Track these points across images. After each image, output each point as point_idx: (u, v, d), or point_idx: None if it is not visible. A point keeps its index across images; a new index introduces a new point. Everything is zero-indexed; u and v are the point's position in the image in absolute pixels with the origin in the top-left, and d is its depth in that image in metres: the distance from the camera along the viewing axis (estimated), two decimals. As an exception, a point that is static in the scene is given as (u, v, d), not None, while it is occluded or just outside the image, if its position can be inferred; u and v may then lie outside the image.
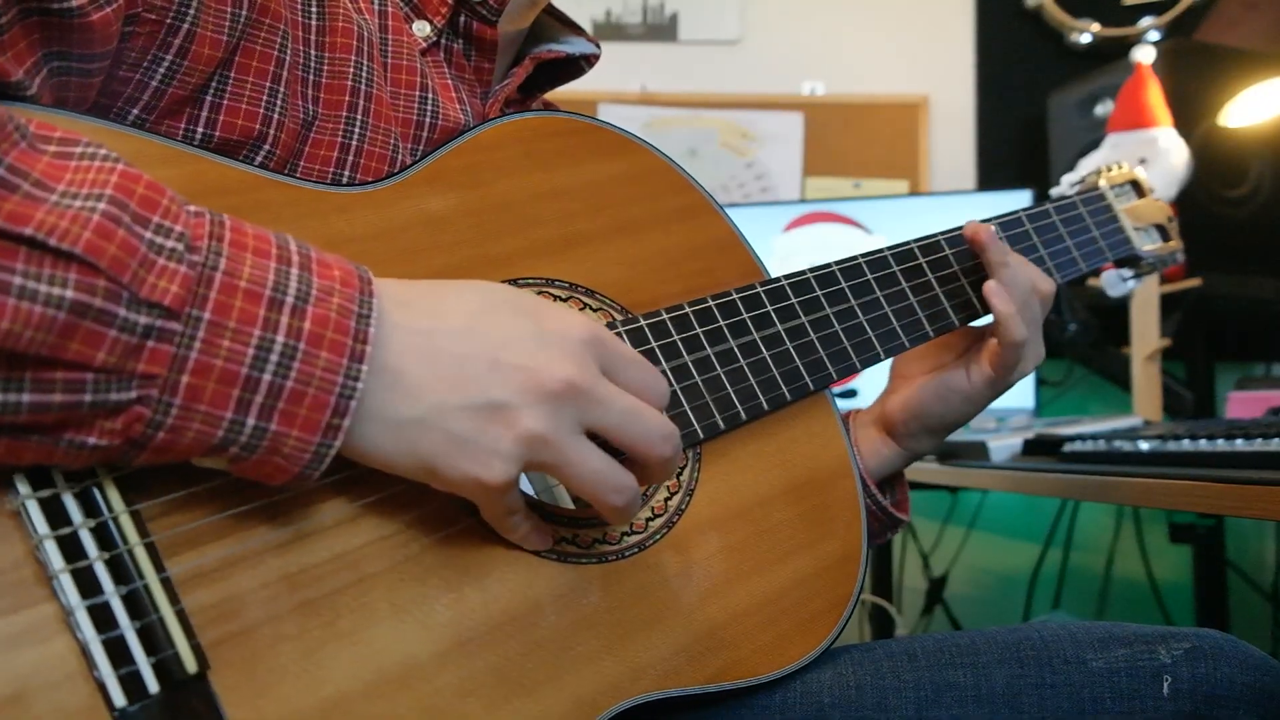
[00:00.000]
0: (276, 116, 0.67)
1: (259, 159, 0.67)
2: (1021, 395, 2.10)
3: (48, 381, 0.45)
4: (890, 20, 2.63)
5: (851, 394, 2.02)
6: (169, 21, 0.61)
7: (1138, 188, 1.04)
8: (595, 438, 0.57)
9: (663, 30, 2.64)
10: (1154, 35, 2.48)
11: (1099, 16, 2.52)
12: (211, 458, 0.50)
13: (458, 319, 0.55)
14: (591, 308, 0.73)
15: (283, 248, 0.52)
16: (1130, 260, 1.03)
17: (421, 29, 0.79)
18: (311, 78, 0.70)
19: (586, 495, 0.57)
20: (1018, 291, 0.84)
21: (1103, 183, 1.03)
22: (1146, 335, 1.89)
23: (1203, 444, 1.03)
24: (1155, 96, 1.83)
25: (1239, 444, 0.98)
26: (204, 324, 0.47)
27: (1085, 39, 2.52)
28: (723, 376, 0.74)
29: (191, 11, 0.62)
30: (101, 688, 0.47)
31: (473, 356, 0.54)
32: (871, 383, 2.03)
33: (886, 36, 2.63)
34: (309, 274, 0.51)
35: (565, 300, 0.72)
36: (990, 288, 0.84)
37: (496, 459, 0.54)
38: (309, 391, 0.49)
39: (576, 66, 0.90)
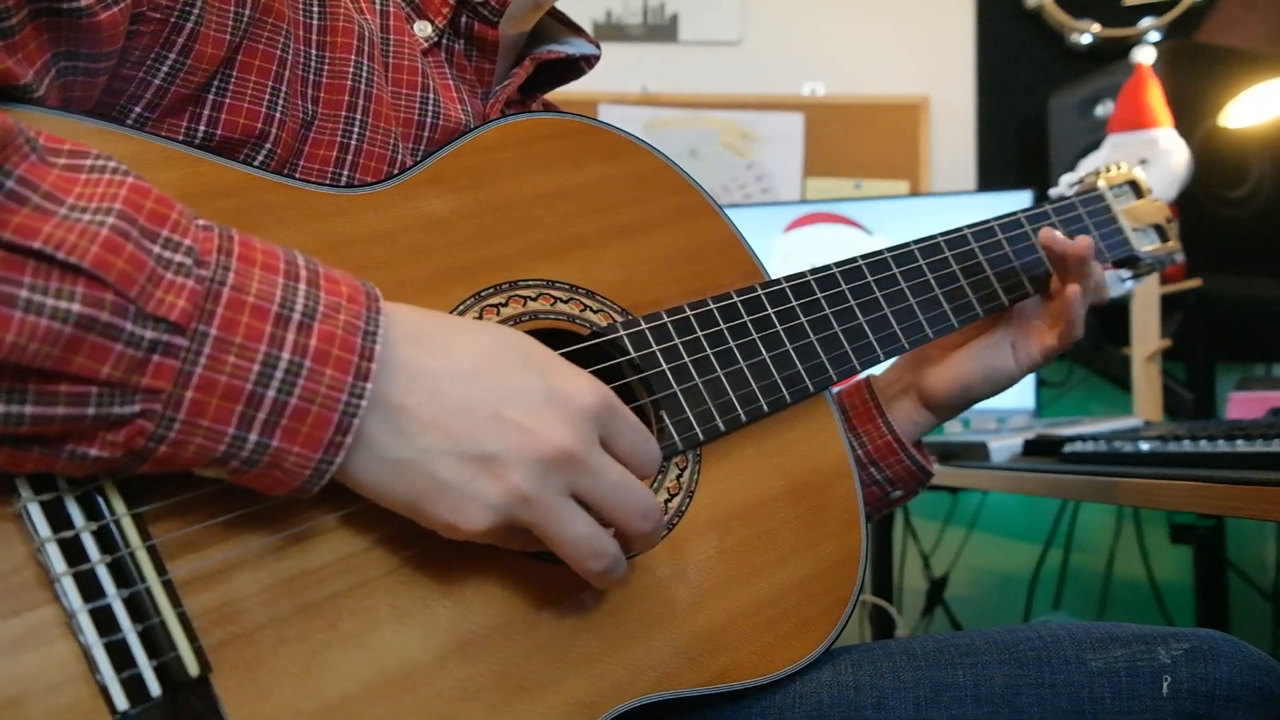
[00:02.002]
0: (278, 116, 0.67)
1: (260, 158, 0.67)
2: (1022, 396, 2.10)
3: (51, 394, 0.45)
4: (890, 20, 2.63)
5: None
6: (173, 20, 0.61)
7: (1136, 188, 1.04)
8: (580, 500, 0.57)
9: (663, 31, 2.64)
10: (1154, 36, 2.48)
11: (1099, 17, 2.52)
12: (212, 469, 0.50)
13: (467, 362, 0.55)
14: (592, 309, 0.73)
15: (290, 263, 0.52)
16: (1129, 261, 1.03)
17: (423, 29, 0.79)
18: (311, 77, 0.70)
19: (566, 557, 0.57)
20: (1091, 295, 0.91)
21: (1101, 183, 1.03)
22: (1147, 336, 1.89)
23: (1203, 445, 1.03)
24: (1156, 97, 1.84)
25: (1239, 445, 0.98)
26: (210, 340, 0.47)
27: (1085, 39, 2.52)
28: (723, 379, 0.74)
29: (195, 11, 0.62)
30: (103, 690, 0.48)
31: (475, 403, 0.54)
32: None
33: (886, 36, 2.63)
34: (317, 290, 0.51)
35: (566, 301, 0.72)
36: (1075, 293, 0.89)
37: (477, 508, 0.54)
38: (313, 409, 0.50)
39: (577, 67, 0.90)
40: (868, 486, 0.94)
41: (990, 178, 2.57)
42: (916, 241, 0.88)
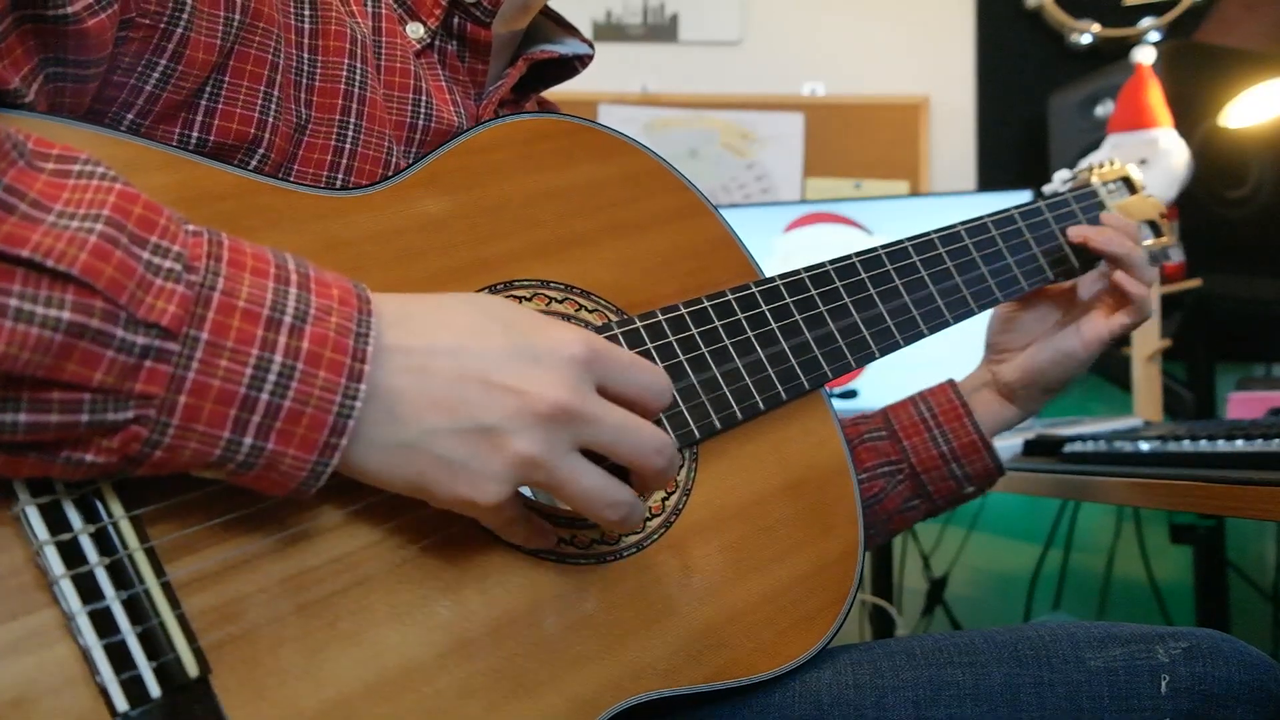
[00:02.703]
0: (271, 120, 0.67)
1: (254, 163, 0.67)
2: (1022, 395, 2.09)
3: (44, 402, 0.45)
4: (890, 20, 2.63)
5: (851, 395, 2.02)
6: (163, 26, 0.61)
7: (1129, 184, 1.05)
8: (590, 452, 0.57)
9: (663, 31, 2.64)
10: (1154, 36, 2.48)
11: (1099, 17, 2.52)
12: (210, 471, 0.50)
13: (450, 337, 0.55)
14: (587, 309, 0.73)
15: (281, 266, 0.52)
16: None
17: (415, 31, 0.79)
18: (304, 81, 0.70)
19: (582, 511, 0.57)
20: (1146, 272, 0.95)
21: (1095, 179, 1.04)
22: (1147, 336, 1.89)
23: (1203, 445, 1.03)
24: (1155, 97, 1.83)
25: (1239, 444, 0.98)
26: (201, 344, 0.47)
27: (1085, 39, 2.52)
28: (719, 377, 0.74)
29: (185, 16, 0.62)
30: (103, 692, 0.48)
31: (463, 378, 0.54)
32: (870, 382, 2.03)
33: (886, 36, 2.63)
34: (307, 293, 0.51)
35: (561, 301, 0.72)
36: (1121, 278, 0.94)
37: (488, 481, 0.54)
38: (306, 411, 0.50)
39: (570, 67, 0.90)
40: (945, 480, 0.97)
41: (990, 178, 2.57)
42: (911, 239, 0.89)
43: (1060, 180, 1.09)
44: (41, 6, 0.54)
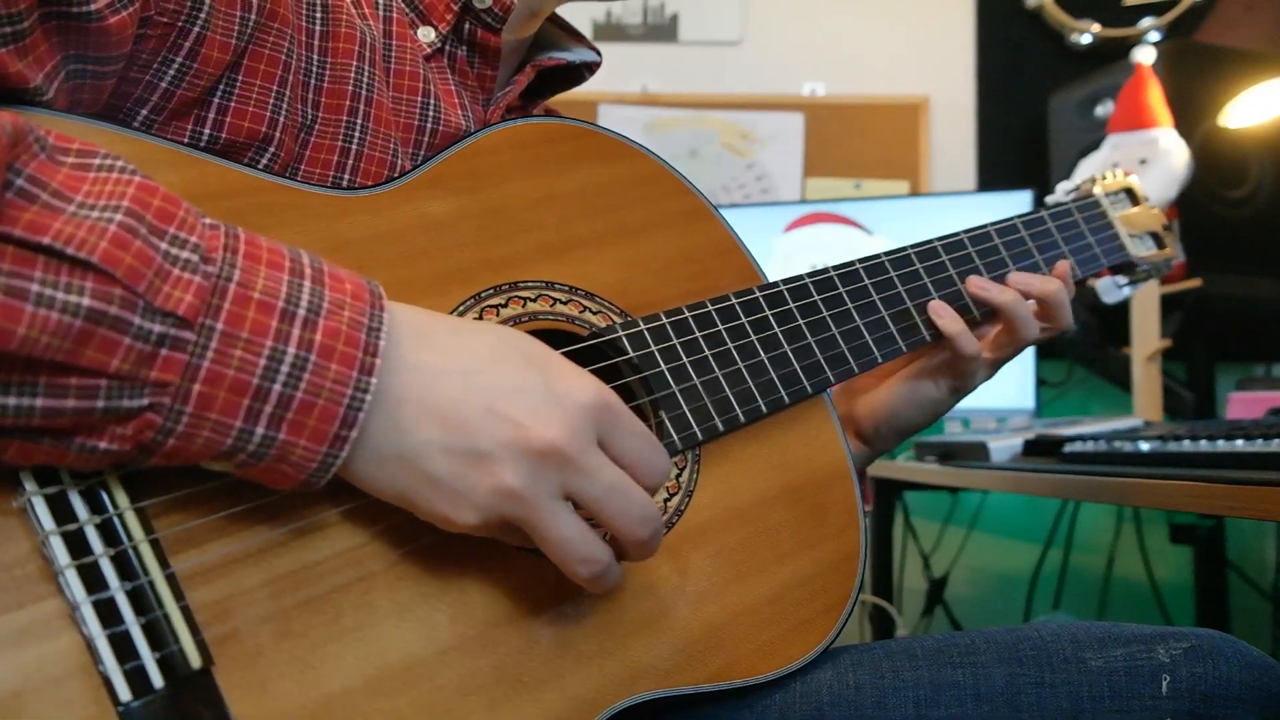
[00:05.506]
0: (282, 120, 0.68)
1: (264, 161, 0.68)
2: (1022, 395, 2.10)
3: (62, 387, 0.45)
4: (890, 20, 2.63)
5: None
6: (180, 24, 0.62)
7: (1132, 195, 1.05)
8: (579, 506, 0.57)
9: (663, 31, 2.64)
10: (1154, 36, 2.48)
11: (1099, 17, 2.52)
12: (219, 462, 0.50)
13: (467, 360, 0.55)
14: (591, 310, 0.73)
15: (295, 260, 0.52)
16: (1125, 267, 1.04)
17: (426, 35, 0.79)
18: (313, 82, 0.71)
19: (554, 559, 0.57)
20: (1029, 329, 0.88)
21: (1098, 190, 1.04)
22: (1147, 336, 1.90)
23: (1203, 444, 1.03)
24: (1155, 97, 1.84)
25: (1239, 444, 0.98)
26: (217, 334, 0.48)
27: (1085, 39, 2.52)
28: (721, 379, 0.75)
29: (202, 15, 0.62)
30: (106, 682, 0.48)
31: (470, 401, 0.54)
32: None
33: (886, 36, 2.63)
34: (321, 287, 0.52)
35: (566, 303, 0.72)
36: (934, 307, 0.87)
37: (467, 505, 0.54)
38: (318, 402, 0.50)
39: (578, 74, 0.91)
40: None
41: (990, 178, 2.57)
42: (913, 246, 0.89)
43: (1063, 191, 1.09)
44: (65, 4, 0.54)
